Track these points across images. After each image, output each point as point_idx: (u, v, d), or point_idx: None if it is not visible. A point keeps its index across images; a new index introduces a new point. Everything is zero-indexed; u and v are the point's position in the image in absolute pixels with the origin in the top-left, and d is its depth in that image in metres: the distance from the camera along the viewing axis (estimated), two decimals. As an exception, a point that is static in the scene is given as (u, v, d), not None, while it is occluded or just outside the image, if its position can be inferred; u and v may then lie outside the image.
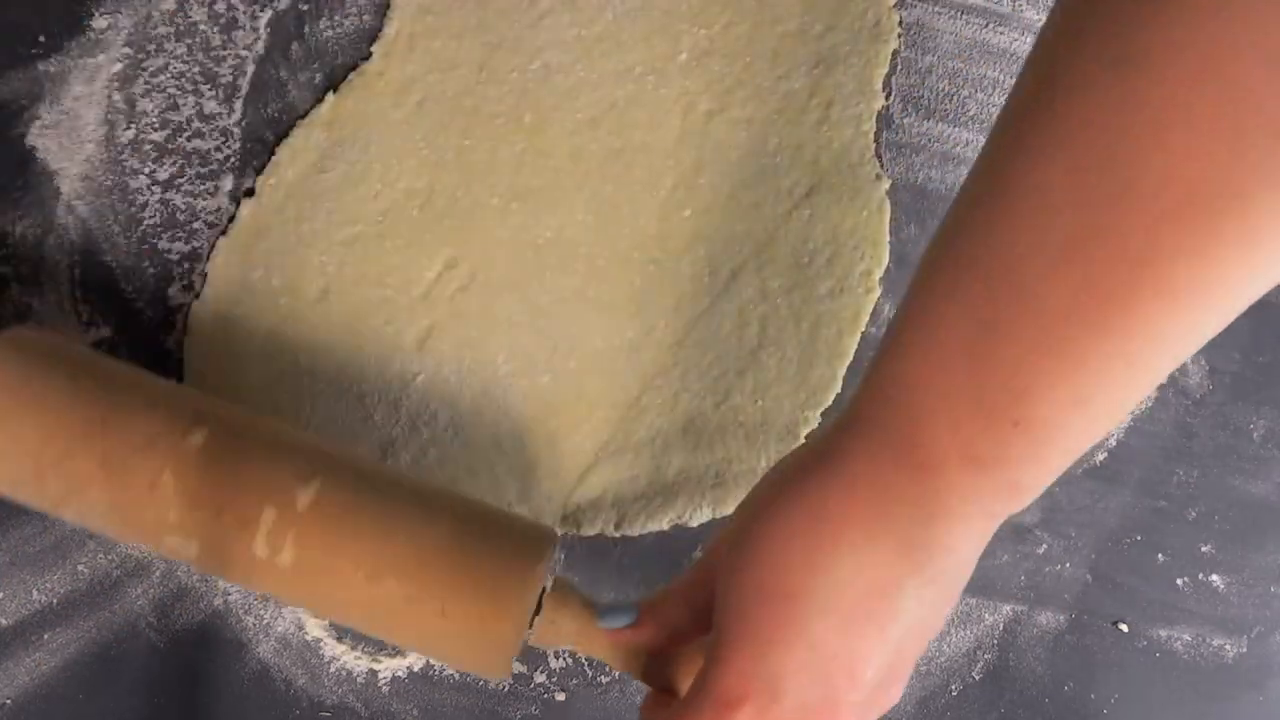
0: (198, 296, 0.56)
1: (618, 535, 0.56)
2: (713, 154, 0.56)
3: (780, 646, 0.38)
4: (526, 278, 0.56)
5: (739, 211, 0.56)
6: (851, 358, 0.57)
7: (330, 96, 0.56)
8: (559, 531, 0.56)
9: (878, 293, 0.57)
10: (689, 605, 0.44)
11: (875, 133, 0.57)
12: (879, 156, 0.57)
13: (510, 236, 0.56)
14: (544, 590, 0.47)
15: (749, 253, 0.57)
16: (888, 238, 0.57)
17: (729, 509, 0.57)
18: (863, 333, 0.57)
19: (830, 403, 0.57)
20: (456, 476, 0.55)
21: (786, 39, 0.56)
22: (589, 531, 0.56)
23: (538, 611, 0.46)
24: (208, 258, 0.56)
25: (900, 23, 0.57)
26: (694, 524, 0.56)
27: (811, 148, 0.57)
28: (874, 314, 0.57)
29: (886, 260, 0.57)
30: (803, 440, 0.57)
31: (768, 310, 0.57)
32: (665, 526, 0.56)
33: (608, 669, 0.57)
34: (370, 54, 0.56)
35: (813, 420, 0.57)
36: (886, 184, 0.57)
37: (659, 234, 0.56)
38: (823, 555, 0.37)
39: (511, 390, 0.56)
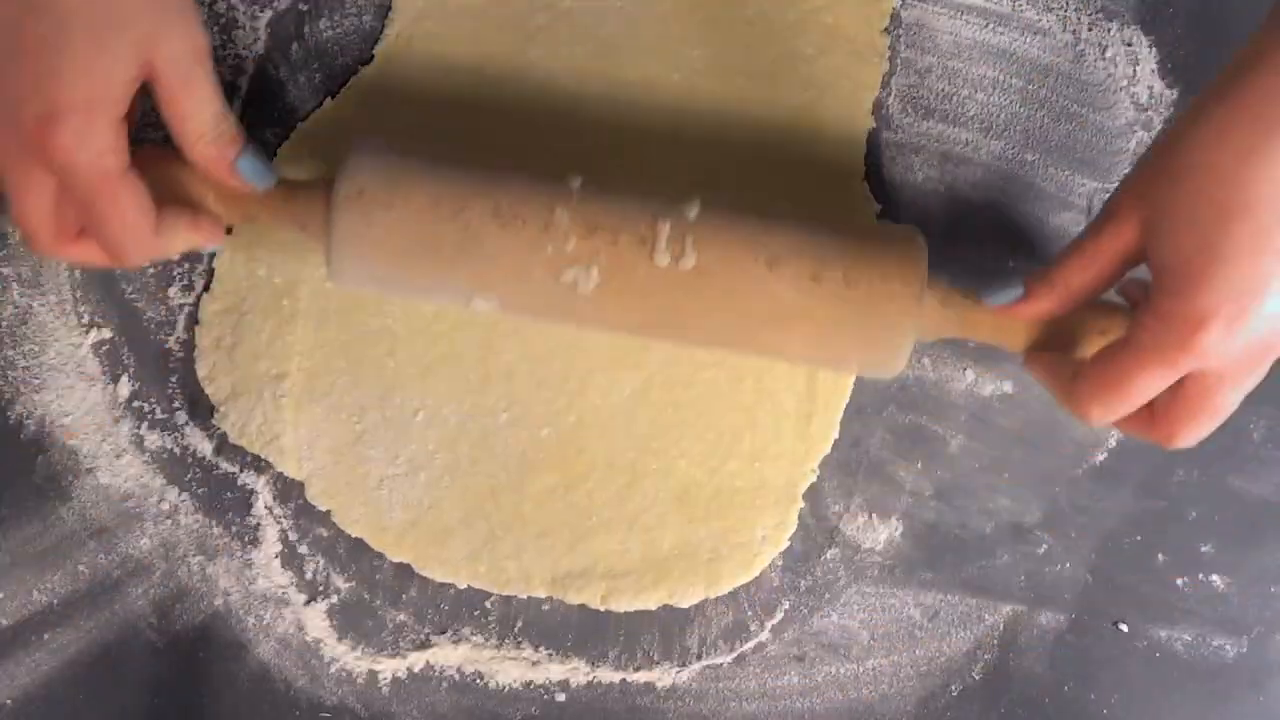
0: (207, 289, 0.56)
1: (603, 609, 0.56)
2: (704, 192, 0.55)
3: (1248, 259, 0.39)
4: (523, 322, 0.55)
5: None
6: (849, 396, 0.56)
7: (328, 101, 0.56)
8: (545, 594, 0.56)
9: None
10: (1092, 265, 0.46)
11: (864, 172, 0.56)
12: (869, 186, 0.56)
13: None
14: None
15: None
16: None
17: (723, 588, 0.56)
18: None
19: (829, 450, 0.56)
20: (450, 526, 0.55)
21: (779, 61, 0.56)
22: (574, 600, 0.56)
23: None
24: (208, 278, 0.56)
25: (900, 28, 0.57)
26: (684, 605, 0.56)
27: (802, 184, 0.56)
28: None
29: None
30: (800, 501, 0.56)
31: (762, 361, 0.55)
32: (653, 606, 0.56)
33: (609, 667, 0.57)
34: (370, 56, 0.56)
35: (810, 476, 0.56)
36: (876, 207, 0.56)
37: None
38: (1276, 162, 0.39)
39: (510, 441, 0.55)
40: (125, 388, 0.56)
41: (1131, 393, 0.44)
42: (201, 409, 0.56)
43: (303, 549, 0.56)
